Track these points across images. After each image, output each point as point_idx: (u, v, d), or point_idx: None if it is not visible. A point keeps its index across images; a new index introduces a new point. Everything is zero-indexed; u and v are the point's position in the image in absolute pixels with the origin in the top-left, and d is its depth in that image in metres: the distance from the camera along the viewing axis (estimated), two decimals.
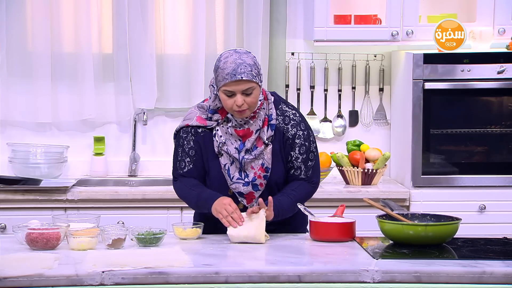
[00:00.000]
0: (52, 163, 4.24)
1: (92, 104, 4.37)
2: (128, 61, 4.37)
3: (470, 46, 4.24)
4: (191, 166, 3.07)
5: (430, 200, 4.07)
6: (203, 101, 3.11)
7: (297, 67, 4.52)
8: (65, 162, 4.31)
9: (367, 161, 4.20)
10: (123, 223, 3.70)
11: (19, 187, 3.93)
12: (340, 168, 4.22)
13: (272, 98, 3.09)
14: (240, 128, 3.03)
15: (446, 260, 2.74)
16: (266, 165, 3.05)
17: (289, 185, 3.10)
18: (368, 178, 4.17)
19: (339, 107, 4.57)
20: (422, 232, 2.86)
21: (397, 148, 4.40)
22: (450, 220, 2.96)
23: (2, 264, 2.57)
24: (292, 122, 3.07)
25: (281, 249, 2.91)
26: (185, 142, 3.08)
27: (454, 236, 2.94)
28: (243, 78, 2.91)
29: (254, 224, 2.96)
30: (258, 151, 3.03)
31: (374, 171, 4.17)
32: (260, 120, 3.03)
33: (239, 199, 3.08)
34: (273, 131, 3.04)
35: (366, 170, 4.16)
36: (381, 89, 4.56)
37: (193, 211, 3.28)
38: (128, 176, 4.42)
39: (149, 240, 2.88)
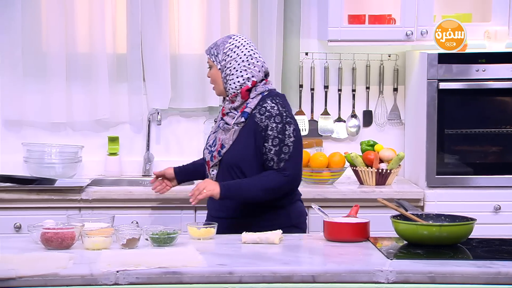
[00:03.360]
0: (66, 163, 4.26)
1: (106, 104, 4.39)
2: (142, 61, 4.38)
3: (485, 46, 4.22)
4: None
5: (444, 201, 4.06)
6: None
7: (311, 67, 4.52)
8: (80, 162, 4.33)
9: (381, 161, 4.19)
10: (137, 223, 3.70)
11: (34, 186, 3.95)
12: (354, 168, 4.21)
13: (264, 93, 3.27)
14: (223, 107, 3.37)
15: (461, 260, 2.73)
16: (223, 142, 3.29)
17: (260, 174, 3.24)
18: (382, 178, 4.16)
19: (353, 107, 4.56)
20: (437, 232, 2.85)
21: (411, 148, 4.39)
22: (464, 221, 2.95)
23: (17, 264, 2.58)
24: (267, 114, 3.23)
25: (294, 249, 2.90)
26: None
27: (469, 237, 2.93)
28: (206, 51, 3.38)
29: None
30: (226, 128, 3.29)
31: (388, 171, 4.16)
32: (240, 104, 3.29)
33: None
34: (245, 119, 3.25)
35: (380, 170, 4.15)
36: (395, 89, 4.55)
37: (206, 212, 3.34)
38: (142, 176, 4.43)
39: (163, 240, 2.89)
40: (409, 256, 2.79)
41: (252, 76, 3.29)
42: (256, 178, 3.23)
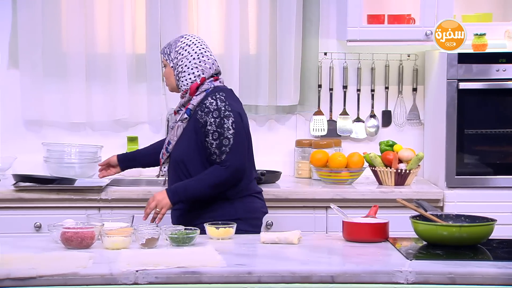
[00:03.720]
0: (86, 163, 4.28)
1: (125, 104, 4.40)
2: (161, 62, 4.39)
3: (506, 46, 4.19)
4: None
5: (464, 201, 4.04)
6: None
7: (329, 67, 4.51)
8: (99, 162, 4.34)
9: (400, 161, 4.17)
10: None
11: (54, 186, 3.97)
12: (373, 168, 4.20)
13: (209, 90, 3.38)
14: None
15: (481, 261, 2.72)
16: (169, 139, 3.44)
17: (204, 170, 3.35)
18: (401, 179, 4.15)
19: (372, 107, 4.55)
20: (457, 233, 2.83)
21: (431, 148, 4.37)
22: (485, 221, 2.93)
23: (37, 263, 2.60)
24: (206, 110, 3.34)
25: (313, 249, 2.90)
26: None
27: (489, 237, 2.91)
28: (160, 51, 3.53)
29: None
30: (174, 126, 3.42)
31: (407, 171, 4.14)
32: (185, 102, 3.42)
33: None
34: (188, 115, 3.38)
35: (399, 171, 4.14)
36: (414, 89, 4.53)
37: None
38: (161, 176, 4.44)
39: (182, 239, 2.90)
40: (428, 256, 2.78)
41: (203, 73, 3.40)
42: (200, 176, 3.33)
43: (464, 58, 4.04)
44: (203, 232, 3.02)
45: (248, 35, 4.43)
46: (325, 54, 4.49)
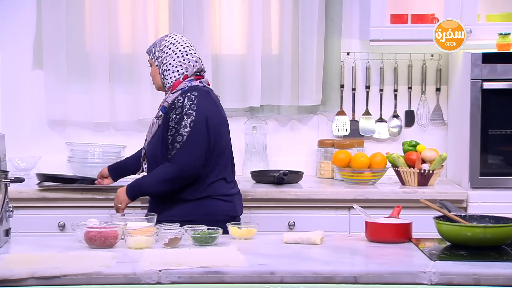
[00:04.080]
0: (109, 163, 4.28)
1: (148, 104, 4.42)
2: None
3: None
4: None
5: (488, 202, 4.01)
6: None
7: (352, 67, 4.50)
8: None
9: (423, 161, 4.15)
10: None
11: (78, 186, 3.99)
12: (396, 168, 4.18)
13: (185, 88, 3.43)
14: None
15: (506, 262, 2.70)
16: (146, 136, 3.51)
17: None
18: (424, 179, 4.13)
19: (395, 107, 4.53)
20: (481, 234, 2.81)
21: (454, 148, 4.34)
22: (509, 222, 2.91)
23: (61, 262, 2.62)
24: (173, 107, 3.41)
25: (336, 250, 2.89)
26: None
27: None
28: (146, 51, 3.57)
29: None
30: (153, 124, 3.49)
31: (430, 172, 4.12)
32: (164, 101, 3.48)
33: None
34: (163, 113, 3.44)
35: (422, 171, 4.12)
36: (438, 89, 4.51)
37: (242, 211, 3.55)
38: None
39: (205, 239, 2.90)
40: (452, 257, 2.76)
41: (186, 71, 3.46)
42: (153, 172, 3.43)
43: (488, 58, 4.01)
44: (225, 232, 3.03)
45: (270, 35, 4.43)
46: (348, 54, 4.48)
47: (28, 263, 2.60)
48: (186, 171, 3.37)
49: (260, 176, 4.22)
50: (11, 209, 2.98)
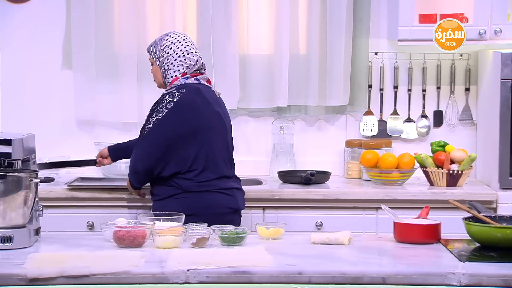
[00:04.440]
0: None
1: None
2: (212, 62, 4.41)
3: None
4: None
5: None
6: None
7: (380, 67, 4.48)
8: None
9: (452, 162, 4.12)
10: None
11: (106, 185, 4.01)
12: (424, 169, 4.15)
13: (178, 85, 3.49)
14: None
15: None
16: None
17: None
18: (453, 180, 4.10)
19: (423, 107, 4.50)
20: (511, 235, 2.79)
21: (484, 149, 4.31)
22: None
23: (90, 261, 2.63)
24: (164, 100, 3.48)
25: (364, 250, 2.88)
26: None
27: None
28: (146, 49, 3.63)
29: None
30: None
31: (459, 172, 4.09)
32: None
33: None
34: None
35: (451, 171, 4.09)
36: (467, 89, 4.47)
37: (269, 211, 3.62)
38: None
39: (233, 239, 2.90)
40: (482, 258, 2.74)
41: (187, 70, 3.52)
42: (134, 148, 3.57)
43: None
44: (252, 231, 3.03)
45: (298, 35, 4.43)
46: (376, 54, 4.46)
47: (58, 262, 2.62)
48: (136, 166, 3.51)
49: (288, 176, 4.21)
50: (41, 209, 3.01)
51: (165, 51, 3.54)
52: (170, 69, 3.54)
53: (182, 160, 3.45)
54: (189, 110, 3.45)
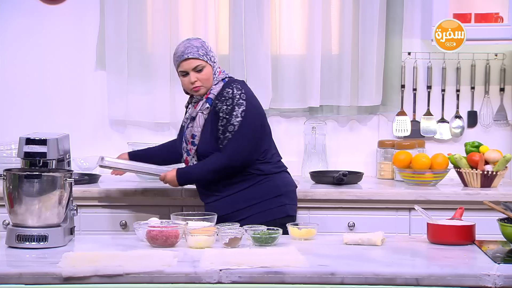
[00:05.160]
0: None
1: None
2: (244, 62, 4.42)
3: None
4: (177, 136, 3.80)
5: None
6: None
7: (413, 67, 4.45)
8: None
9: (486, 163, 4.09)
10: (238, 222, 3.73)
11: (139, 184, 4.04)
12: (458, 170, 4.12)
13: (225, 79, 3.56)
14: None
15: None
16: (193, 132, 3.53)
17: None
18: (487, 180, 4.06)
19: (457, 107, 4.46)
20: None
21: None
22: None
23: (124, 261, 2.65)
24: (222, 98, 3.49)
25: (397, 251, 2.87)
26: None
27: None
28: (189, 57, 3.51)
29: None
30: (192, 120, 3.54)
31: (494, 173, 4.05)
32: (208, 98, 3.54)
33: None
34: (210, 105, 3.50)
35: (485, 172, 4.05)
36: (501, 89, 4.43)
37: (301, 212, 3.65)
38: None
39: (265, 239, 2.91)
40: None
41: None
42: (203, 162, 3.53)
43: None
44: (285, 232, 3.03)
45: (330, 35, 4.42)
46: (409, 53, 4.43)
47: (92, 261, 2.64)
48: (235, 161, 3.48)
49: (320, 177, 4.20)
50: (75, 208, 3.03)
51: (212, 51, 3.61)
52: (218, 68, 3.61)
53: (261, 146, 3.55)
54: (255, 97, 3.60)
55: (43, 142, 2.94)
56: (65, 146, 3.07)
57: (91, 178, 4.17)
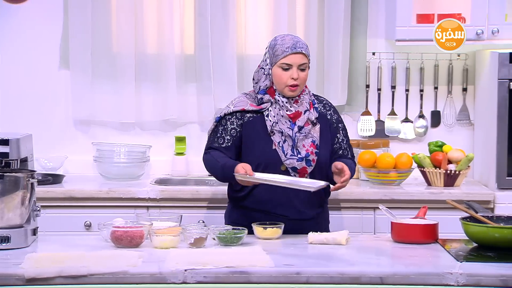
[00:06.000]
0: (135, 163, 4.31)
1: (174, 104, 4.43)
2: (210, 62, 4.41)
3: None
4: (229, 144, 3.28)
5: None
6: (248, 91, 3.40)
7: (378, 67, 4.48)
8: (148, 162, 4.38)
9: (449, 162, 4.13)
10: (204, 222, 3.73)
11: (104, 185, 4.02)
12: (422, 169, 4.16)
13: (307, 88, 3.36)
14: (286, 110, 3.26)
15: None
16: (316, 142, 3.27)
17: (343, 160, 3.29)
18: (450, 180, 4.10)
19: (421, 107, 4.50)
20: (509, 235, 2.79)
21: (481, 149, 4.31)
22: None
23: (88, 261, 2.63)
24: (332, 109, 3.37)
25: (362, 250, 2.89)
26: (229, 123, 3.29)
27: None
28: (302, 52, 3.24)
29: None
30: (307, 129, 3.27)
31: (457, 172, 4.09)
32: (306, 102, 3.29)
33: (292, 174, 3.24)
34: (318, 114, 3.30)
35: (448, 171, 4.09)
36: (464, 89, 4.47)
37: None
38: (209, 175, 4.45)
39: (230, 239, 2.91)
40: (479, 258, 2.74)
41: None
42: (351, 160, 3.38)
43: None
44: (250, 232, 3.03)
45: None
46: (373, 54, 4.46)
47: (56, 262, 2.62)
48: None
49: None
50: (38, 209, 3.00)
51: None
52: None
53: None
54: None
55: (5, 142, 2.91)
56: (28, 146, 3.04)
57: (55, 179, 4.13)
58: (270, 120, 3.24)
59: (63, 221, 3.95)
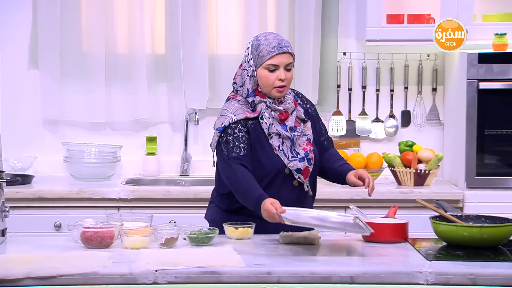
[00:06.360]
0: (105, 163, 4.29)
1: (145, 104, 4.42)
2: (181, 62, 4.40)
3: None
4: (246, 152, 3.07)
5: (484, 202, 4.01)
6: (230, 97, 3.16)
7: (348, 67, 4.50)
8: (118, 162, 4.36)
9: (419, 161, 4.16)
10: (175, 222, 3.72)
11: (74, 185, 3.99)
12: (392, 168, 4.18)
13: None
14: (274, 110, 3.12)
15: (502, 262, 2.70)
16: (311, 139, 3.17)
17: (332, 157, 3.23)
18: (420, 179, 4.13)
19: (391, 107, 4.53)
20: (477, 234, 2.82)
21: (451, 148, 4.35)
22: (505, 222, 2.91)
23: (58, 262, 2.61)
24: (308, 101, 3.25)
25: (333, 250, 2.90)
26: (237, 131, 3.09)
27: (510, 238, 2.89)
28: (289, 51, 3.07)
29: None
30: (301, 128, 3.16)
31: (426, 172, 4.12)
32: (291, 101, 3.15)
33: (296, 176, 3.12)
34: (303, 110, 3.19)
35: (418, 171, 4.12)
36: (434, 89, 4.51)
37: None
38: (180, 175, 4.46)
39: (201, 239, 2.90)
40: (449, 257, 2.76)
41: None
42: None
43: (484, 58, 4.02)
44: (221, 232, 3.02)
45: None
46: (344, 54, 4.48)
47: (25, 263, 2.59)
48: None
49: None
50: (7, 209, 2.97)
51: None
52: None
53: None
54: None
55: None
56: None
57: (24, 179, 4.10)
58: (266, 123, 3.10)
59: (32, 222, 3.92)
